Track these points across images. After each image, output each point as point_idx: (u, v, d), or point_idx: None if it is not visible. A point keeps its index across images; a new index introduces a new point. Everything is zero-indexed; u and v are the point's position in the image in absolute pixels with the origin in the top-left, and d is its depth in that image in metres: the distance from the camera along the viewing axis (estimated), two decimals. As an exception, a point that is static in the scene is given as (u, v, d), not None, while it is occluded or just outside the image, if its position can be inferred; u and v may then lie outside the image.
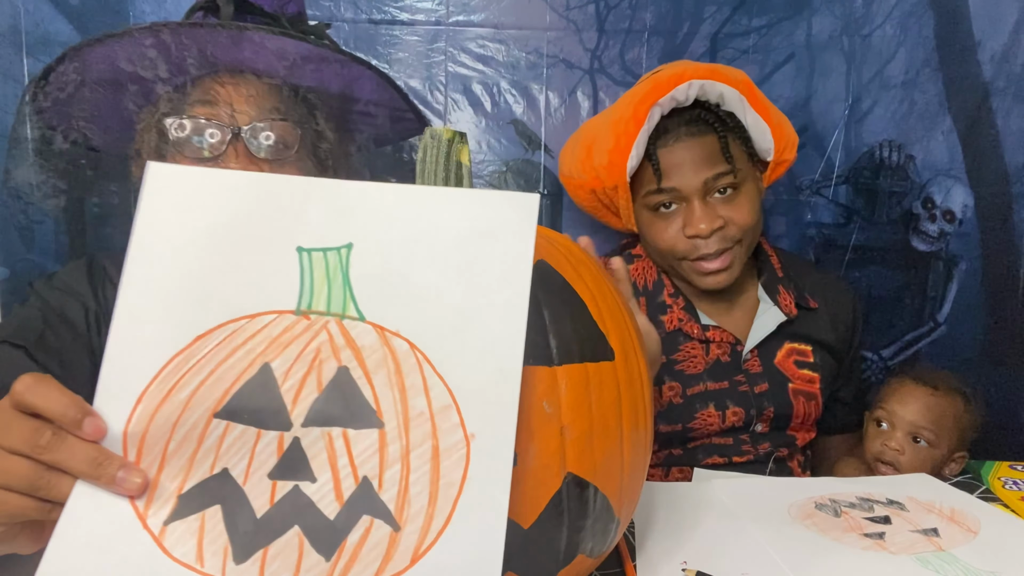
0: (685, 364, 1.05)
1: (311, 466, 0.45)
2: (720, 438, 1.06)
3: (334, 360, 0.46)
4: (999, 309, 1.30)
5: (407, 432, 0.45)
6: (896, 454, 1.00)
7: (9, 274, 1.14)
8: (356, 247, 0.47)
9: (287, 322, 0.46)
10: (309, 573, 0.44)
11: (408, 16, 1.21)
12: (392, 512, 0.44)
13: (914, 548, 0.67)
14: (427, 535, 0.44)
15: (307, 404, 0.45)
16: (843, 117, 1.26)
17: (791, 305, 1.07)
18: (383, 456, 0.45)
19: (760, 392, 1.05)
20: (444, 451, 0.45)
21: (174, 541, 0.44)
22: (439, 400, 0.46)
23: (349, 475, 0.45)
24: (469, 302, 0.47)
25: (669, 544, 0.68)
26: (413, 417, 0.45)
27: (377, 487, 0.45)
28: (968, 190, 1.28)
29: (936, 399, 1.01)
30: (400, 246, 0.48)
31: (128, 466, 0.44)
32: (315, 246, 0.47)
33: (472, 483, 0.45)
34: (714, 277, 1.01)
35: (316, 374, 0.46)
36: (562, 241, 0.60)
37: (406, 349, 0.46)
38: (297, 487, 0.44)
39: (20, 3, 1.12)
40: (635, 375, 0.57)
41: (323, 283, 0.47)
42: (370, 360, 0.46)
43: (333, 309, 0.47)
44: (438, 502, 0.45)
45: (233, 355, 0.45)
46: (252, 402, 0.45)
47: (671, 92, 0.97)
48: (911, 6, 1.23)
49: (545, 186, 1.26)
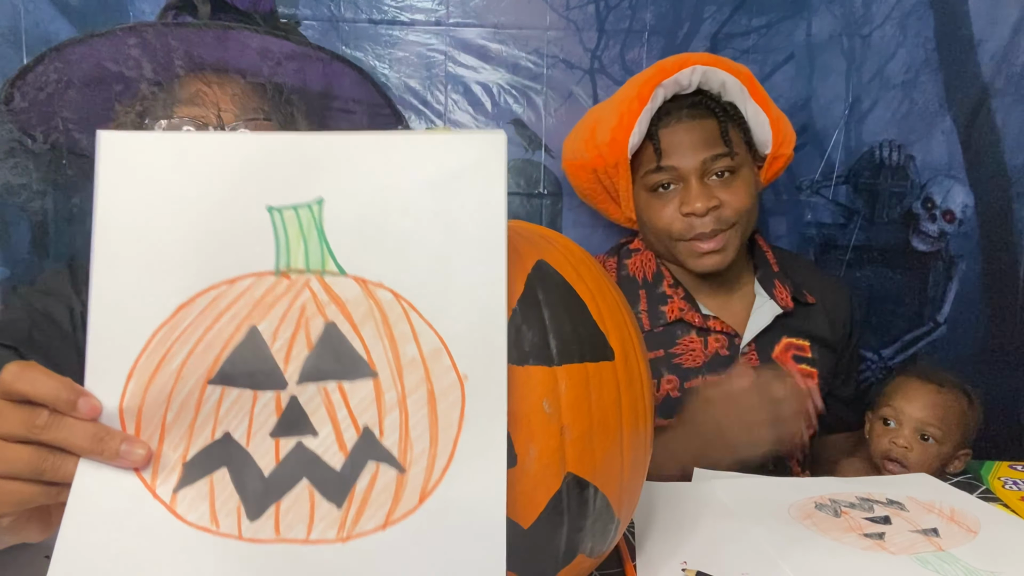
0: (684, 357, 1.06)
1: (311, 421, 0.45)
2: None
3: (320, 317, 0.46)
4: (999, 309, 1.30)
5: (401, 379, 0.46)
6: (904, 451, 1.01)
7: (9, 274, 1.14)
8: (327, 201, 0.47)
9: (268, 283, 0.46)
10: (323, 522, 0.45)
11: (408, 16, 1.21)
12: (396, 456, 0.45)
13: (914, 548, 0.67)
14: (432, 474, 0.45)
15: (299, 362, 0.46)
16: (843, 117, 1.26)
17: (787, 298, 1.08)
18: (380, 404, 0.46)
19: None
20: (440, 394, 0.46)
21: (186, 507, 0.44)
22: (429, 345, 0.46)
23: (350, 426, 0.46)
24: (447, 246, 0.47)
25: (669, 544, 0.68)
26: (405, 364, 0.46)
27: (378, 434, 0.45)
28: (968, 190, 1.28)
29: (942, 396, 1.02)
30: (371, 196, 0.47)
31: (130, 439, 0.44)
32: (285, 203, 0.46)
33: (470, 421, 0.46)
34: (708, 258, 1.03)
35: (304, 332, 0.46)
36: (562, 241, 0.60)
37: (390, 299, 0.47)
38: (300, 443, 0.45)
39: (20, 3, 1.12)
40: (635, 375, 0.57)
41: (299, 240, 0.47)
42: (356, 313, 0.46)
43: (312, 266, 0.47)
44: (439, 443, 0.46)
45: (218, 321, 0.45)
46: (244, 365, 0.45)
47: (675, 75, 1.01)
48: (911, 6, 1.23)
49: (545, 186, 1.26)
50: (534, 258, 0.54)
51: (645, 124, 1.02)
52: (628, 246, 1.15)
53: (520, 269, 0.53)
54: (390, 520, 0.45)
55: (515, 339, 0.50)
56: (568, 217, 1.27)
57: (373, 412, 0.46)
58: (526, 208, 1.26)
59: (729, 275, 1.10)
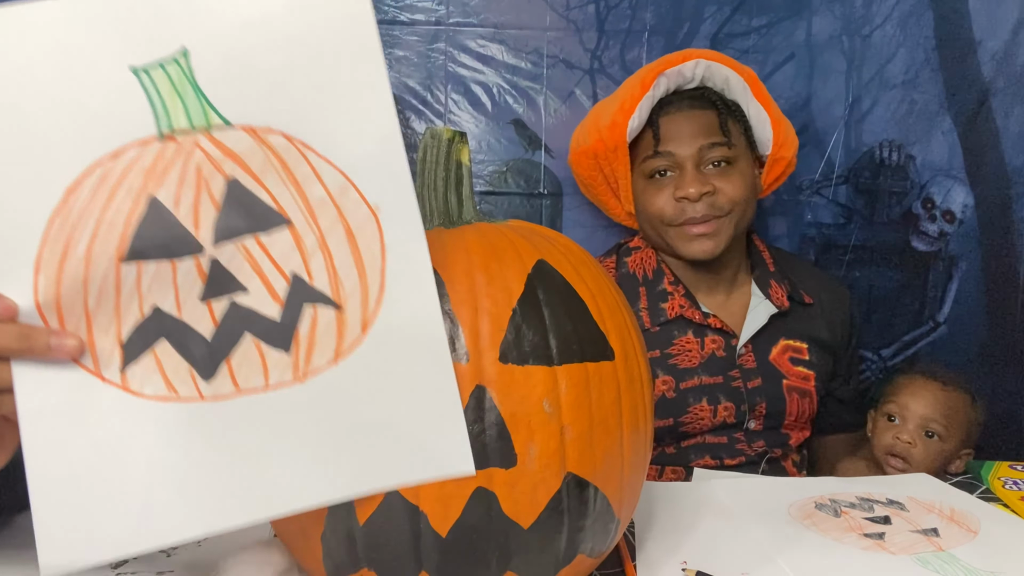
0: (679, 358, 1.06)
1: (238, 279, 0.46)
2: (714, 437, 1.06)
3: (220, 175, 0.45)
4: (999, 309, 1.30)
5: (316, 221, 0.46)
6: (908, 447, 1.01)
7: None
8: (192, 51, 0.44)
9: (155, 150, 0.45)
10: (276, 368, 0.46)
11: (408, 16, 1.21)
12: (329, 295, 0.47)
13: (914, 548, 0.67)
14: (368, 304, 0.47)
15: (210, 223, 0.45)
16: (843, 117, 1.26)
17: (783, 298, 1.08)
18: (302, 250, 0.46)
19: (753, 387, 1.05)
20: (356, 229, 0.47)
21: (140, 382, 0.45)
22: (334, 183, 0.46)
23: (278, 276, 0.46)
24: (328, 78, 0.46)
25: (669, 544, 0.68)
26: (316, 206, 0.46)
27: (308, 279, 0.46)
28: (968, 190, 1.28)
29: (946, 394, 1.02)
30: (238, 39, 0.45)
31: (56, 332, 0.44)
32: (149, 61, 0.44)
33: (392, 249, 0.47)
34: (699, 243, 1.03)
35: (207, 193, 0.45)
36: (562, 241, 0.60)
37: (284, 143, 0.46)
38: (233, 302, 0.46)
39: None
40: (635, 375, 0.57)
41: (174, 98, 0.45)
42: (254, 164, 0.46)
43: (196, 123, 0.45)
44: (367, 275, 0.47)
45: (114, 198, 0.44)
46: (154, 237, 0.45)
47: (679, 66, 1.04)
48: (911, 6, 1.23)
49: (545, 186, 1.26)
50: (534, 258, 0.54)
51: (646, 111, 1.04)
52: (628, 244, 1.15)
53: (520, 269, 0.53)
54: (340, 353, 0.47)
55: (515, 339, 0.50)
56: (568, 217, 1.27)
57: (297, 258, 0.46)
58: (526, 208, 1.26)
59: (727, 274, 1.10)
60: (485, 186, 1.25)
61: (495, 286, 0.51)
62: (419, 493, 0.49)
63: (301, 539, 0.54)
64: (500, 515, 0.49)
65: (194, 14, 0.45)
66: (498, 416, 0.49)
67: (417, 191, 0.60)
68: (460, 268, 0.52)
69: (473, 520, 0.49)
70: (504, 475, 0.49)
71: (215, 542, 0.68)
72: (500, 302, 0.51)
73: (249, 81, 0.45)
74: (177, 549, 0.67)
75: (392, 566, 0.51)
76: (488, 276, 0.52)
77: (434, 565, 0.50)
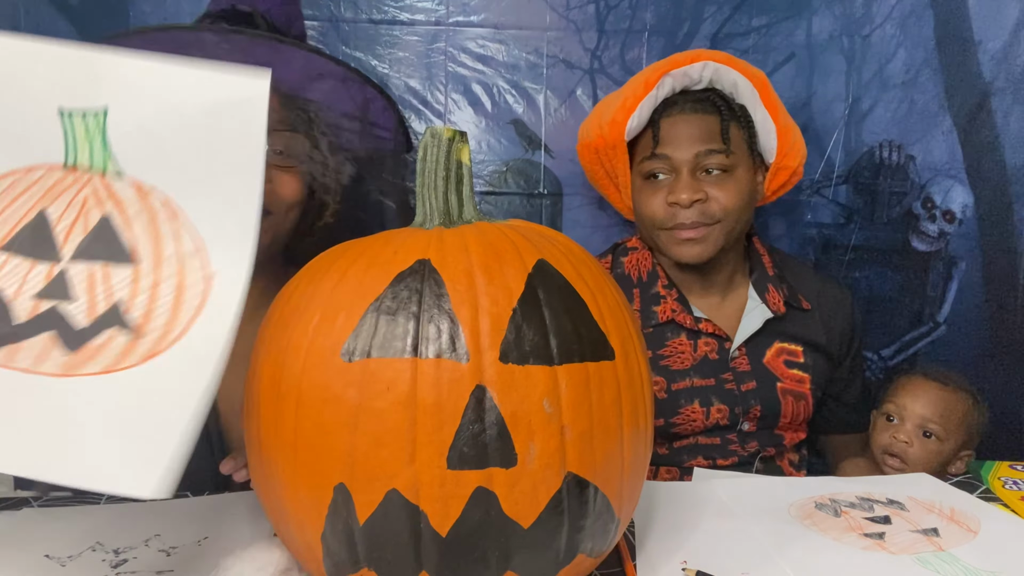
0: (672, 360, 1.06)
1: (71, 291, 0.54)
2: (707, 438, 1.06)
3: (98, 210, 0.55)
4: (999, 309, 1.30)
5: (159, 270, 0.55)
6: (904, 446, 1.01)
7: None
8: (112, 111, 0.56)
9: (58, 175, 0.56)
10: (50, 361, 0.53)
11: (408, 16, 1.21)
12: (132, 327, 0.54)
13: (914, 548, 0.67)
14: (161, 345, 0.53)
15: (75, 243, 0.55)
16: (843, 117, 1.26)
17: (779, 303, 1.07)
18: (135, 287, 0.55)
19: (747, 390, 1.05)
20: (188, 286, 0.55)
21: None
22: (189, 245, 0.55)
23: (103, 300, 0.54)
24: (214, 160, 0.56)
25: (669, 544, 0.68)
26: (165, 259, 0.55)
27: (125, 310, 0.54)
28: (968, 190, 1.28)
29: (946, 395, 1.02)
30: (151, 112, 0.56)
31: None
32: (75, 107, 0.56)
33: (209, 307, 0.54)
34: (688, 247, 1.03)
35: (84, 220, 0.55)
36: (562, 241, 0.60)
37: (161, 203, 0.56)
38: (55, 306, 0.53)
39: (20, 3, 1.12)
40: (635, 375, 0.57)
41: (85, 142, 0.56)
42: (130, 211, 0.56)
43: (96, 165, 0.56)
44: (176, 323, 0.54)
45: (15, 202, 0.55)
46: (29, 239, 0.54)
47: (685, 67, 1.02)
48: (911, 6, 1.23)
49: (545, 186, 1.26)
50: (534, 258, 0.54)
51: (647, 110, 1.03)
52: (625, 244, 1.15)
53: (520, 269, 0.53)
54: (109, 369, 0.53)
55: (516, 339, 0.50)
56: (568, 217, 1.27)
57: (126, 292, 0.54)
58: (526, 208, 1.26)
59: (723, 277, 1.09)
60: (485, 186, 1.25)
61: (495, 286, 0.51)
62: (419, 493, 0.49)
63: (301, 539, 0.54)
64: (500, 515, 0.49)
65: (122, 84, 0.56)
66: (498, 416, 0.49)
67: (417, 191, 0.61)
68: (460, 268, 0.52)
69: (473, 520, 0.49)
70: (504, 475, 0.49)
71: (215, 542, 0.68)
72: (500, 302, 0.51)
73: (149, 148, 0.56)
74: (177, 548, 0.67)
75: (392, 566, 0.51)
76: (488, 276, 0.52)
77: (434, 565, 0.50)
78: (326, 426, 0.50)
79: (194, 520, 0.73)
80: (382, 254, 0.54)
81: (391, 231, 0.59)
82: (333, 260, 0.57)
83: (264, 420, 0.54)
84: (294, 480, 0.52)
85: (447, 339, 0.49)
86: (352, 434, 0.49)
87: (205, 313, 0.54)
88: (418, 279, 0.52)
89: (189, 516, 0.74)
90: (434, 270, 0.52)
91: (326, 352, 0.51)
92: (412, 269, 0.52)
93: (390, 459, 0.49)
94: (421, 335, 0.50)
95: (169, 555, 0.66)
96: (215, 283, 0.55)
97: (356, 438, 0.49)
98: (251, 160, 0.55)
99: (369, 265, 0.54)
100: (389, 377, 0.49)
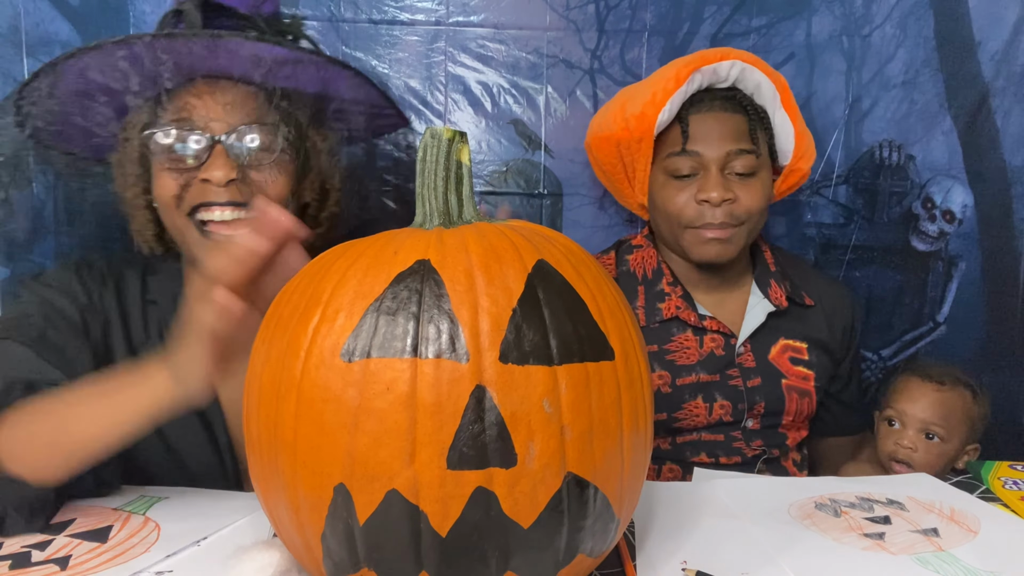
0: (677, 355, 1.06)
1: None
2: (710, 434, 1.06)
3: None
4: (999, 309, 1.30)
5: None
6: (910, 452, 1.01)
7: (9, 274, 1.14)
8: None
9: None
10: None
11: (408, 16, 1.21)
12: None
13: (914, 548, 0.67)
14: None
15: None
16: (843, 117, 1.26)
17: (781, 298, 1.08)
18: None
19: (752, 386, 1.05)
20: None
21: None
22: None
23: None
24: None
25: (669, 544, 0.68)
26: None
27: None
28: (968, 190, 1.28)
29: (943, 394, 1.02)
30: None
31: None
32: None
33: None
34: (712, 247, 1.02)
35: None
36: (562, 241, 0.60)
37: None
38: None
39: (20, 3, 1.12)
40: (635, 375, 0.57)
41: None
42: None
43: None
44: None
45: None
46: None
47: (714, 64, 1.02)
48: (911, 6, 1.23)
49: (545, 186, 1.26)
50: (534, 258, 0.54)
51: (677, 105, 1.02)
52: (629, 242, 1.15)
53: (520, 269, 0.53)
54: None
55: (515, 339, 0.50)
56: (568, 217, 1.27)
57: None
58: (526, 208, 1.26)
59: (728, 274, 1.10)
60: (485, 186, 1.25)
61: (495, 286, 0.51)
62: (419, 493, 0.49)
63: (301, 539, 0.54)
64: (500, 515, 0.49)
65: None
66: (498, 416, 0.49)
67: (417, 191, 0.61)
68: (460, 268, 0.52)
69: (473, 520, 0.49)
70: (504, 475, 0.49)
71: (215, 542, 0.68)
72: (500, 302, 0.51)
73: None
74: (177, 548, 0.67)
75: (392, 566, 0.51)
76: (488, 276, 0.52)
77: (434, 565, 0.50)
78: (326, 426, 0.50)
79: (194, 520, 0.73)
80: (382, 254, 0.54)
81: (391, 231, 0.59)
82: (333, 260, 0.57)
83: (264, 420, 0.54)
84: (294, 480, 0.52)
85: (447, 339, 0.49)
86: (352, 434, 0.49)
87: None
88: (418, 279, 0.52)
89: (189, 516, 0.74)
90: (434, 270, 0.52)
91: (326, 352, 0.51)
92: (412, 269, 0.52)
93: (390, 459, 0.49)
94: (421, 335, 0.50)
95: (169, 555, 0.66)
96: None
97: (356, 438, 0.49)
98: None
99: (369, 265, 0.54)
100: (389, 377, 0.49)
